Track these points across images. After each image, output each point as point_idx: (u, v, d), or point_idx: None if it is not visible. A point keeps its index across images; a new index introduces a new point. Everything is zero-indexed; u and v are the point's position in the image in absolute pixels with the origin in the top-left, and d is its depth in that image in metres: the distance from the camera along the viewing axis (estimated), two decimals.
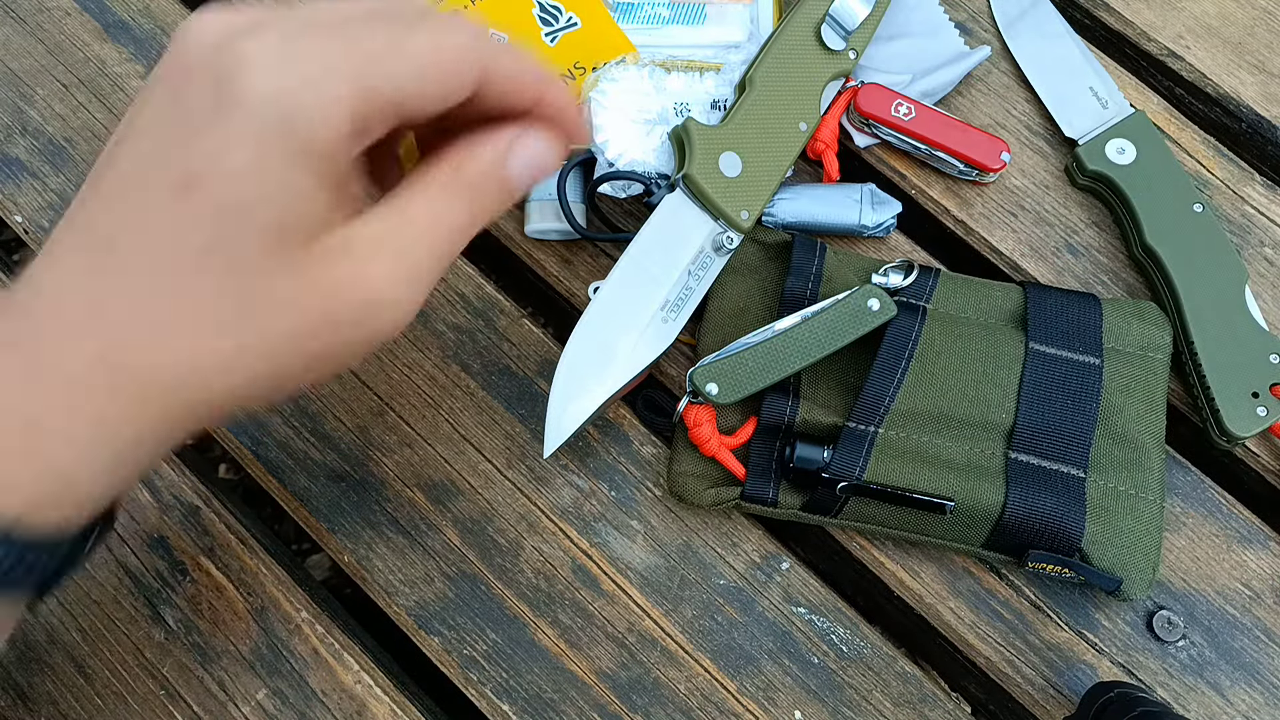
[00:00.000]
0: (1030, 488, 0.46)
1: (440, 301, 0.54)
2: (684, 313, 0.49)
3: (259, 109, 0.26)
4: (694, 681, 0.48)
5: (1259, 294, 0.54)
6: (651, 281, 0.48)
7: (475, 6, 0.56)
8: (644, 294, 0.48)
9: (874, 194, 0.54)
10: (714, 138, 0.50)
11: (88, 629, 0.49)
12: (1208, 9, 0.61)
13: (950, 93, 0.58)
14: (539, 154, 0.33)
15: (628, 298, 0.48)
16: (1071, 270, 0.55)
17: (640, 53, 0.56)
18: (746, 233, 0.50)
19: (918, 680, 0.48)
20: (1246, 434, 0.50)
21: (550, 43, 0.56)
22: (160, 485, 0.51)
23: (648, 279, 0.48)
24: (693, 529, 0.50)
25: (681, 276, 0.49)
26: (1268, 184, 0.57)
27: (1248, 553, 0.50)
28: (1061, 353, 0.49)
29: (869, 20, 0.54)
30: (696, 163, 0.49)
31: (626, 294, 0.48)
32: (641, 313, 0.48)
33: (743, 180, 0.50)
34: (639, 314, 0.48)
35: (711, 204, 0.49)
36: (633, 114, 0.53)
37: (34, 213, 0.56)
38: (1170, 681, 0.48)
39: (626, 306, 0.48)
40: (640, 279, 0.48)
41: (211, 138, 0.27)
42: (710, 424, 0.48)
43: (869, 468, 0.46)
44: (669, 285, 0.49)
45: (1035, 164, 0.57)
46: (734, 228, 0.49)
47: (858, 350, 0.48)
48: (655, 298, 0.48)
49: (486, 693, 0.48)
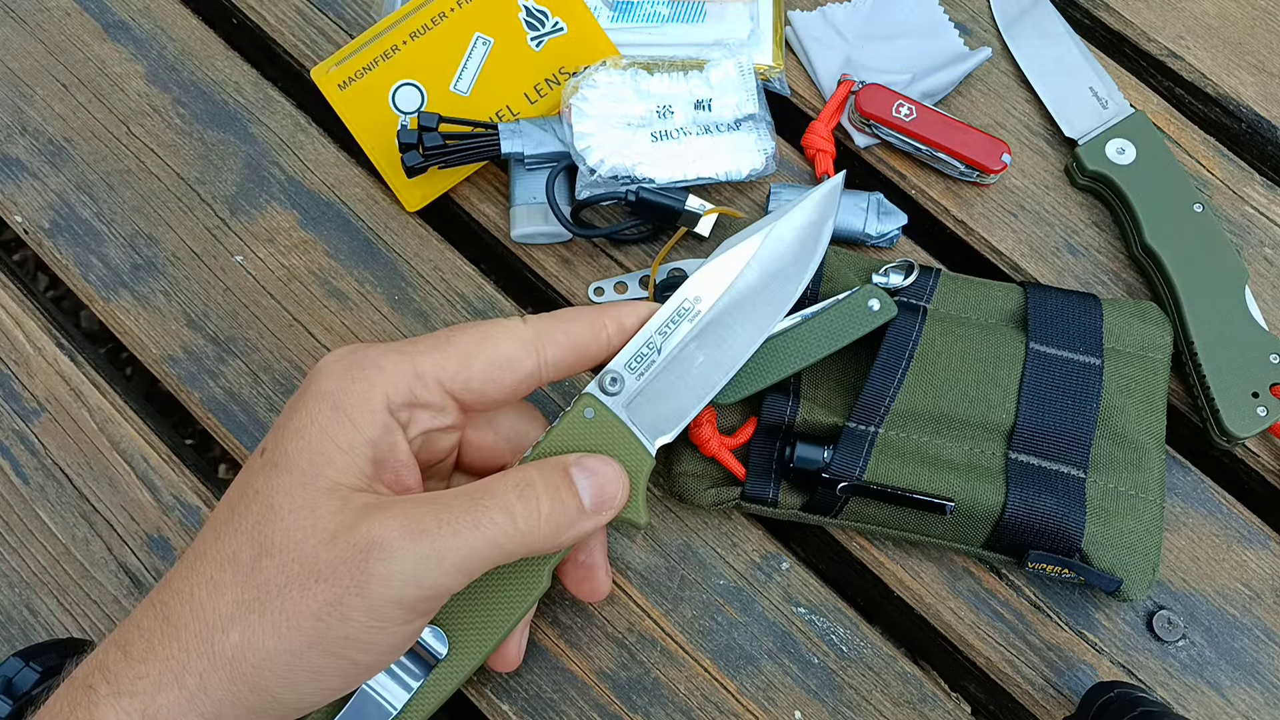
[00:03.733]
0: (1030, 488, 0.46)
1: (440, 301, 0.54)
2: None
3: (321, 397, 0.37)
4: (694, 681, 0.48)
5: (1259, 294, 0.54)
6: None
7: (461, 10, 0.56)
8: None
9: (881, 204, 0.54)
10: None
11: (88, 630, 0.49)
12: (1208, 9, 0.61)
13: (950, 93, 0.58)
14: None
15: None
16: (1071, 270, 0.55)
17: (630, 53, 0.56)
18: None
19: (918, 680, 0.48)
20: (1246, 434, 0.50)
21: (536, 47, 0.56)
22: (160, 485, 0.51)
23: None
24: (693, 529, 0.50)
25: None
26: (1268, 184, 0.57)
27: (1248, 553, 0.50)
28: (1062, 353, 0.49)
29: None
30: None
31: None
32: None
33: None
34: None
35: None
36: (614, 119, 0.53)
37: (34, 213, 0.56)
38: (1170, 681, 0.48)
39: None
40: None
41: (291, 422, 0.37)
42: (710, 424, 0.48)
43: (869, 468, 0.46)
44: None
45: (1035, 164, 0.57)
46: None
47: (858, 350, 0.48)
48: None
49: (486, 693, 0.48)
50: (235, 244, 0.56)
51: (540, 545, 0.37)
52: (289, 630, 0.33)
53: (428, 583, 0.34)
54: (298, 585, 0.34)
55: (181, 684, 0.33)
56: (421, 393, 0.38)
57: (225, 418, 0.52)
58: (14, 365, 0.54)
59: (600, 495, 0.38)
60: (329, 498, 0.35)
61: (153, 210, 0.56)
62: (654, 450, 0.41)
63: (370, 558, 0.33)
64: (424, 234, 0.56)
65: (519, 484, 0.36)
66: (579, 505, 0.38)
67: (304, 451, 0.36)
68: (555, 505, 0.37)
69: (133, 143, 0.58)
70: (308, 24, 0.60)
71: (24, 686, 0.41)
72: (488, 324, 0.39)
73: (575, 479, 0.38)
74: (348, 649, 0.34)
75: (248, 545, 0.35)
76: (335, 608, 0.33)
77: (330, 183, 0.57)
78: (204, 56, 0.60)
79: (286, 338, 0.54)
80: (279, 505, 0.35)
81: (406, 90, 0.56)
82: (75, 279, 0.55)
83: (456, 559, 0.34)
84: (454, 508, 0.35)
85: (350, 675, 0.36)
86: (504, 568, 0.39)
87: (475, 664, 0.40)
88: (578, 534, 0.38)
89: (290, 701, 0.35)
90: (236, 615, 0.34)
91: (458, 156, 0.53)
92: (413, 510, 0.35)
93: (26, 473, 0.52)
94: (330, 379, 0.37)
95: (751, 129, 0.54)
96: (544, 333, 0.39)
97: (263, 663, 0.33)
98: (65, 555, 0.50)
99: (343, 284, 0.55)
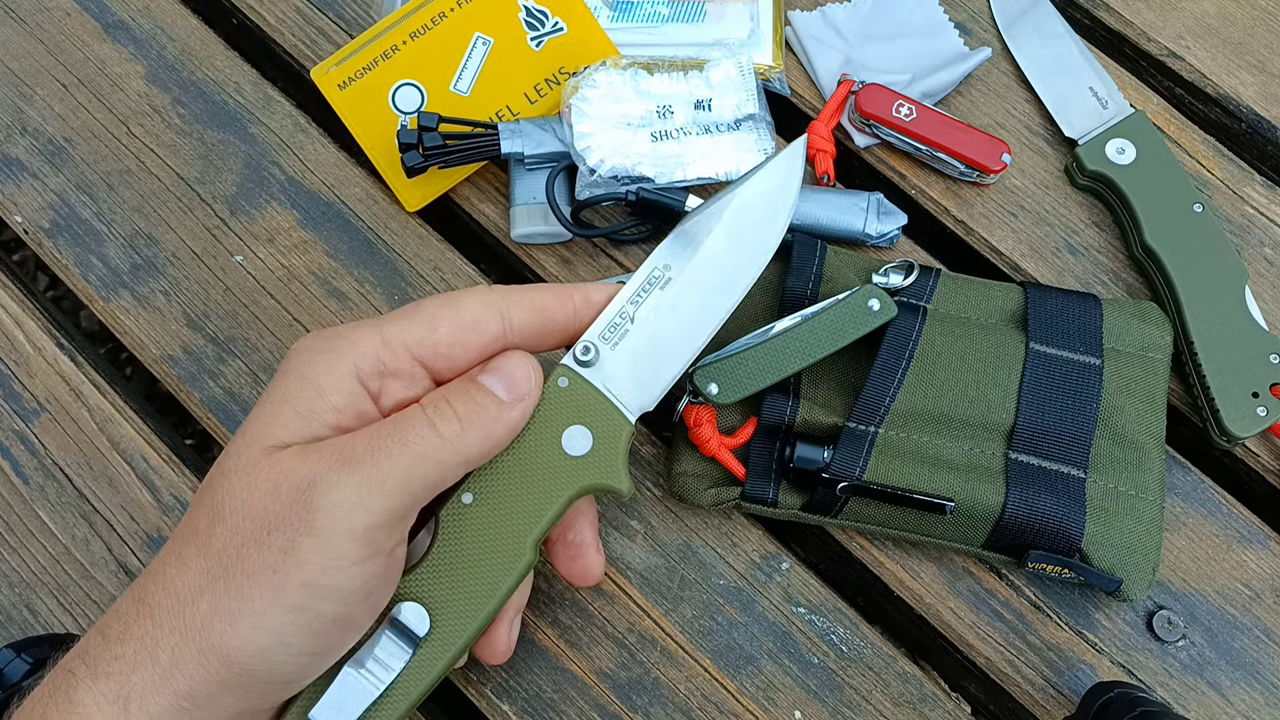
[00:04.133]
0: (1030, 488, 0.46)
1: None
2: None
3: (287, 371, 0.38)
4: (694, 681, 0.48)
5: (1259, 294, 0.54)
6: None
7: (461, 10, 0.56)
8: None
9: (881, 204, 0.54)
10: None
11: (88, 629, 0.49)
12: (1208, 9, 0.61)
13: (950, 93, 0.58)
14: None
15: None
16: (1071, 270, 0.55)
17: (630, 53, 0.56)
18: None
19: (918, 680, 0.48)
20: (1246, 434, 0.50)
21: (536, 47, 0.56)
22: (160, 485, 0.51)
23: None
24: (693, 529, 0.50)
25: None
26: (1268, 184, 0.57)
27: (1248, 553, 0.50)
28: (1062, 353, 0.49)
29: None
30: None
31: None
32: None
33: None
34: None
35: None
36: (614, 119, 0.53)
37: (34, 213, 0.56)
38: (1170, 681, 0.48)
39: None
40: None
41: (260, 399, 0.38)
42: (710, 424, 0.48)
43: (869, 468, 0.46)
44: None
45: (1035, 164, 0.57)
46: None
47: (858, 350, 0.48)
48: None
49: (486, 693, 0.48)
50: (235, 244, 0.56)
51: (475, 447, 0.37)
52: (250, 589, 0.34)
53: (375, 507, 0.35)
54: (253, 541, 0.34)
55: (155, 660, 0.33)
56: (390, 360, 0.38)
57: (225, 418, 0.52)
58: (14, 365, 0.54)
59: (511, 383, 0.39)
60: (269, 453, 0.35)
61: (153, 210, 0.56)
62: (633, 419, 0.42)
63: (313, 494, 0.34)
64: (424, 234, 0.56)
65: (434, 399, 0.38)
66: (495, 399, 0.38)
67: (260, 418, 0.37)
68: (469, 406, 0.38)
69: (133, 143, 0.58)
70: (308, 24, 0.60)
71: (14, 677, 0.41)
72: (455, 292, 0.40)
73: (483, 380, 0.39)
74: (309, 599, 0.34)
75: (205, 515, 0.35)
76: (289, 554, 0.34)
77: (330, 183, 0.57)
78: (204, 56, 0.60)
79: (286, 338, 0.54)
80: (228, 470, 0.36)
81: (406, 90, 0.56)
82: (75, 279, 0.55)
83: (396, 478, 0.35)
84: (380, 433, 0.36)
85: (319, 634, 0.35)
86: (484, 539, 0.39)
87: (461, 644, 0.39)
88: (508, 426, 0.39)
89: (262, 673, 0.34)
90: (204, 585, 0.34)
91: (458, 156, 0.53)
92: (342, 444, 0.36)
93: (26, 473, 0.52)
94: (298, 354, 0.38)
95: (751, 129, 0.54)
96: (509, 295, 0.40)
97: (229, 629, 0.33)
98: (65, 555, 0.50)
99: (343, 284, 0.55)
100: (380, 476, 0.35)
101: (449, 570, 0.40)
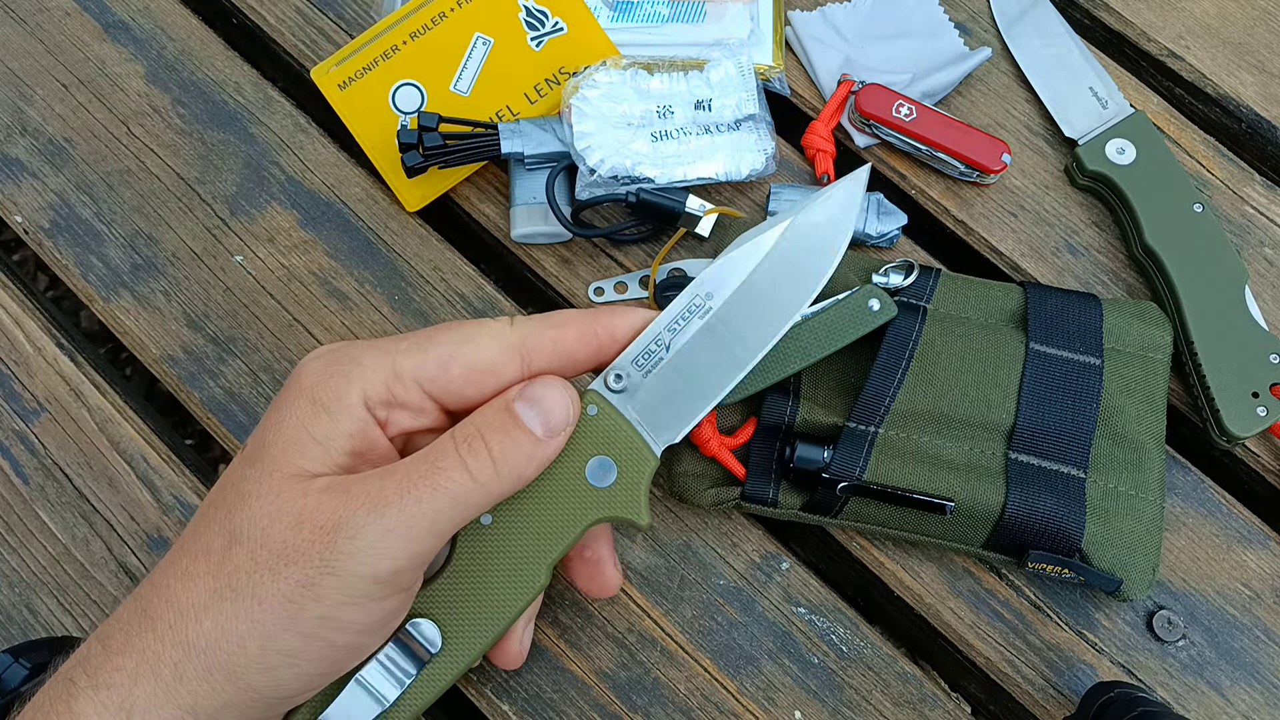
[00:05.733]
0: (1030, 488, 0.46)
1: (440, 301, 0.54)
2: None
3: (299, 392, 0.37)
4: (694, 681, 0.48)
5: (1259, 294, 0.54)
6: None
7: (461, 10, 0.56)
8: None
9: (880, 204, 0.54)
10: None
11: (88, 630, 0.49)
12: (1208, 9, 0.61)
13: (950, 93, 0.58)
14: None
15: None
16: (1071, 270, 0.55)
17: (630, 53, 0.56)
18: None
19: (918, 680, 0.48)
20: (1246, 434, 0.50)
21: (536, 47, 0.56)
22: (160, 485, 0.51)
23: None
24: (693, 529, 0.50)
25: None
26: (1268, 184, 0.57)
27: (1248, 553, 0.50)
28: (1062, 353, 0.49)
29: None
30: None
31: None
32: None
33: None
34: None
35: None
36: (614, 119, 0.53)
37: (34, 213, 0.56)
38: (1170, 681, 0.48)
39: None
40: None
41: (270, 418, 0.37)
42: (710, 424, 0.48)
43: (869, 468, 0.46)
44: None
45: (1035, 164, 0.57)
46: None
47: (858, 350, 0.48)
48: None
49: (486, 693, 0.48)
50: (235, 244, 0.56)
51: (507, 486, 0.37)
52: (261, 614, 0.33)
53: (401, 552, 0.34)
54: (268, 570, 0.34)
55: (158, 675, 0.33)
56: (400, 392, 0.38)
57: (225, 418, 0.52)
58: (14, 365, 0.54)
59: (548, 418, 0.38)
60: (294, 483, 0.35)
61: (153, 210, 0.56)
62: (659, 452, 0.41)
63: (338, 538, 0.34)
64: (424, 234, 0.56)
65: (468, 434, 0.36)
66: (531, 437, 0.37)
67: (277, 443, 0.36)
68: (506, 446, 0.36)
69: (133, 143, 0.58)
70: (308, 24, 0.60)
71: (13, 682, 0.41)
72: (473, 324, 0.39)
73: (520, 413, 0.37)
74: (323, 629, 0.34)
75: (219, 535, 0.35)
76: (307, 588, 0.33)
77: (330, 183, 0.57)
78: (204, 56, 0.60)
79: (286, 338, 0.54)
80: (248, 494, 0.35)
81: (406, 90, 0.56)
82: (75, 279, 0.55)
83: (424, 525, 0.35)
84: (412, 475, 0.35)
85: (329, 659, 0.35)
86: (500, 562, 0.39)
87: (469, 661, 0.40)
88: (541, 464, 0.38)
89: (268, 690, 0.34)
90: (209, 604, 0.34)
91: (458, 156, 0.53)
92: (373, 486, 0.35)
93: (26, 473, 0.52)
94: (310, 374, 0.37)
95: (751, 129, 0.54)
96: (529, 338, 0.39)
97: (236, 649, 0.33)
98: (65, 555, 0.50)
99: (343, 284, 0.55)
100: (408, 521, 0.34)
101: (464, 589, 0.39)
